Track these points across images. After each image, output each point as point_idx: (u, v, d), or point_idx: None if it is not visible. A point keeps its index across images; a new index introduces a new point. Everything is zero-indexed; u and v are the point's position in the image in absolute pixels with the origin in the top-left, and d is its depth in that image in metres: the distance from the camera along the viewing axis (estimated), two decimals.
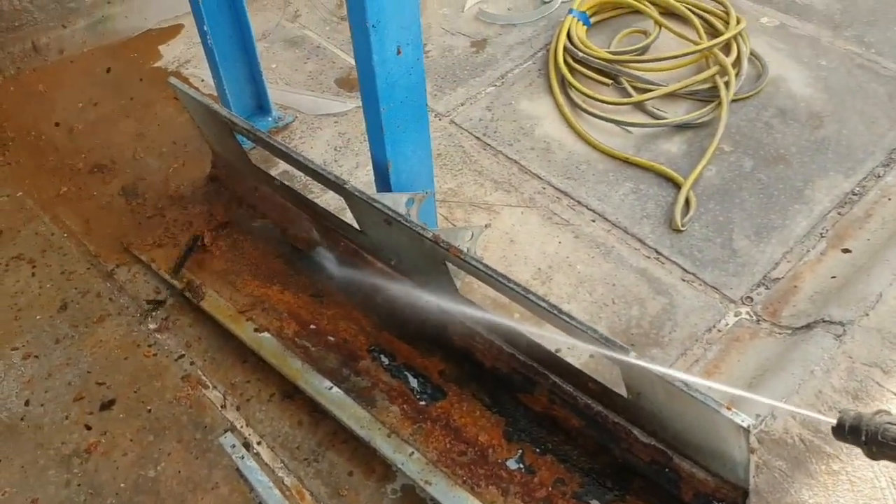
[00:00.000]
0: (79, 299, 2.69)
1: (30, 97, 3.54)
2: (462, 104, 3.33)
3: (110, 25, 3.82)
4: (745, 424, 1.65)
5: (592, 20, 3.59)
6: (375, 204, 2.21)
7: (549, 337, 2.41)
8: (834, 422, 1.60)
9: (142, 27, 3.85)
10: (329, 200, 2.81)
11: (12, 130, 3.38)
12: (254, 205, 2.82)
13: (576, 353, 2.41)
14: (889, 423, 1.52)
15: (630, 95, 3.25)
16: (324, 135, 3.27)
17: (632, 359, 1.74)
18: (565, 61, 3.37)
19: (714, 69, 3.24)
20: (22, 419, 2.38)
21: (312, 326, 2.50)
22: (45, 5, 3.73)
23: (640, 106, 3.23)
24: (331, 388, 2.29)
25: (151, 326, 2.59)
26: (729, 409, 1.67)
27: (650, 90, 3.23)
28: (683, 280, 2.64)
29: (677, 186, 2.91)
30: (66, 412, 2.38)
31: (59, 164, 3.20)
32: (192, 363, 2.48)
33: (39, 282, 2.76)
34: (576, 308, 2.54)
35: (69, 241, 2.88)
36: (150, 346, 2.53)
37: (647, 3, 3.58)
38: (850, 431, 1.58)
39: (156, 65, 3.68)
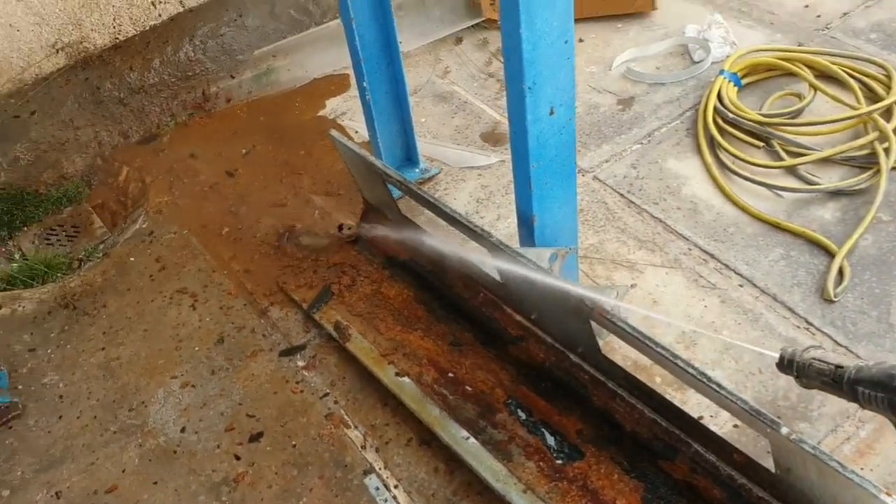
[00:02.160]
0: (234, 334, 2.85)
1: (197, 142, 3.82)
2: (607, 161, 3.34)
3: (274, 77, 4.09)
4: None
5: (744, 81, 3.54)
6: (521, 259, 2.25)
7: (693, 403, 2.38)
8: (777, 356, 1.87)
9: (304, 78, 4.09)
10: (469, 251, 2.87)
11: (181, 172, 3.65)
12: (399, 252, 2.91)
13: (718, 421, 2.35)
14: (814, 358, 1.80)
15: (782, 159, 3.17)
16: (467, 187, 3.35)
17: (785, 434, 1.69)
18: (715, 122, 3.33)
19: (873, 135, 3.12)
20: (178, 445, 2.53)
21: (451, 375, 2.54)
22: (217, 57, 4.04)
23: (792, 170, 3.15)
24: (467, 438, 2.33)
25: (300, 363, 2.71)
26: (889, 494, 1.59)
27: (803, 154, 3.15)
28: (835, 353, 2.53)
29: (830, 255, 2.81)
30: (217, 441, 2.52)
31: (222, 205, 3.43)
32: (335, 402, 2.58)
33: (199, 315, 2.95)
34: (720, 375, 2.47)
35: (228, 278, 3.07)
36: (297, 382, 2.65)
37: (801, 65, 3.50)
38: (787, 365, 1.85)
39: (314, 115, 3.89)
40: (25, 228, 3.62)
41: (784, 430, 1.71)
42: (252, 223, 3.31)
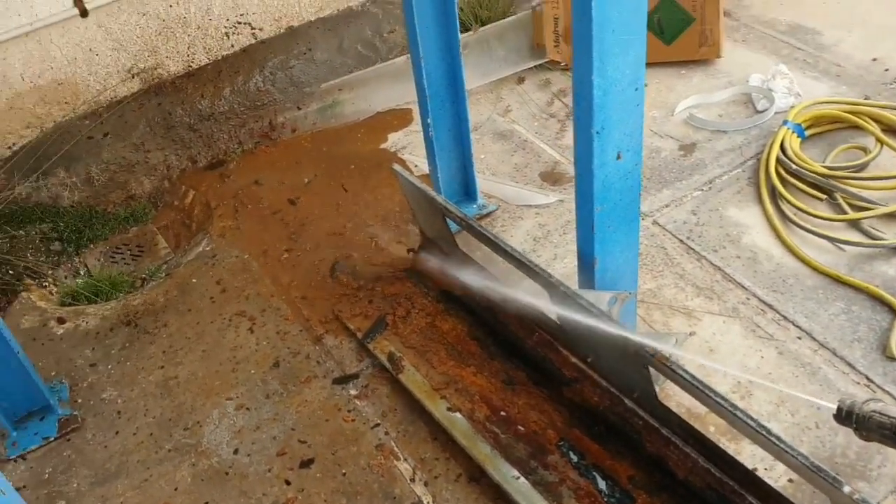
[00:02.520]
0: (290, 359, 2.90)
1: (262, 170, 3.91)
2: (667, 206, 3.34)
3: (339, 109, 4.17)
4: None
5: (808, 133, 3.52)
6: (580, 300, 2.26)
7: (747, 454, 2.34)
8: (835, 407, 1.81)
9: (367, 112, 4.17)
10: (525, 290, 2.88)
11: (245, 198, 3.74)
12: (454, 286, 2.94)
13: (773, 474, 2.31)
14: (874, 411, 1.73)
15: (845, 212, 3.14)
16: (524, 225, 3.38)
17: (847, 493, 1.66)
18: (777, 172, 3.31)
19: None
20: (230, 466, 2.57)
21: (503, 413, 2.55)
22: (286, 88, 4.15)
23: (855, 224, 3.11)
24: (518, 477, 2.32)
25: (352, 392, 2.74)
26: None
27: (868, 209, 3.11)
28: None
29: (893, 312, 2.76)
30: (269, 465, 2.55)
31: (283, 231, 3.50)
32: (386, 433, 2.59)
33: (256, 339, 3.00)
34: (776, 428, 2.43)
35: (286, 303, 3.13)
36: (349, 411, 2.68)
37: (868, 119, 3.47)
38: (846, 417, 1.78)
39: (376, 147, 3.96)
40: (92, 245, 3.73)
41: (847, 489, 1.69)
42: (311, 250, 3.37)
